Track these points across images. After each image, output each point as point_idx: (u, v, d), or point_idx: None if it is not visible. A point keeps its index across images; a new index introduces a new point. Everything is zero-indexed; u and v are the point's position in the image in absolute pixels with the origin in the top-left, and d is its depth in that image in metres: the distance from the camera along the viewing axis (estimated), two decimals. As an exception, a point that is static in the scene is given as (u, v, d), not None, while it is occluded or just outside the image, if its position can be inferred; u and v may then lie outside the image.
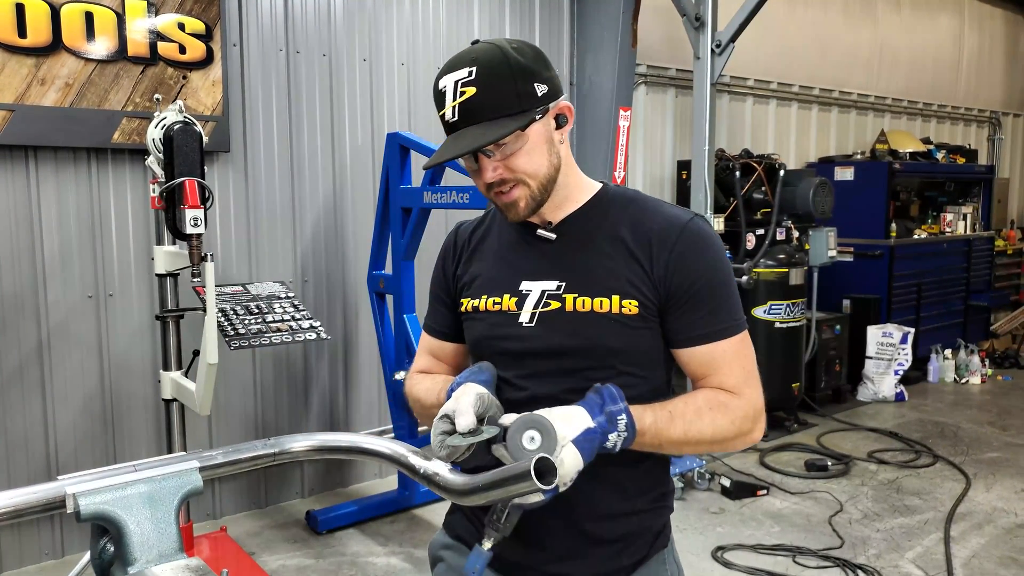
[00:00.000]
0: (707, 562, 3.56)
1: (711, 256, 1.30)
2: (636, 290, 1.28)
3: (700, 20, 4.91)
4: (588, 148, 5.18)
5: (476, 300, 1.37)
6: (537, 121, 1.25)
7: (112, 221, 3.67)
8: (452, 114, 1.23)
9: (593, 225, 1.34)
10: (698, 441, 1.25)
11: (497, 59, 1.23)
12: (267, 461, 1.22)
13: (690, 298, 1.28)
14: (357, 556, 3.64)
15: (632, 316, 1.27)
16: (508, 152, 1.25)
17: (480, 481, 1.12)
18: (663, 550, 1.40)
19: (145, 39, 3.57)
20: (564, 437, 1.12)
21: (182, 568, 0.98)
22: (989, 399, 6.33)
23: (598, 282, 1.29)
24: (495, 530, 1.17)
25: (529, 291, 1.33)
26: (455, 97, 1.22)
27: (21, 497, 1.00)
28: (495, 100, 1.22)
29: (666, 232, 1.29)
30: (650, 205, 1.35)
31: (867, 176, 6.55)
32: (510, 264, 1.37)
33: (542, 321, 1.30)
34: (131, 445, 3.76)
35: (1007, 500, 4.26)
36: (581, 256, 1.32)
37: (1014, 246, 8.45)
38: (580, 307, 1.28)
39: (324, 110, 4.23)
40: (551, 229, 1.35)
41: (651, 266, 1.28)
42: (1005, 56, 9.08)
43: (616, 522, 1.33)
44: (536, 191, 1.29)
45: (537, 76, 1.25)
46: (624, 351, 1.29)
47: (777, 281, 5.28)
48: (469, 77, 1.22)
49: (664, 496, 1.40)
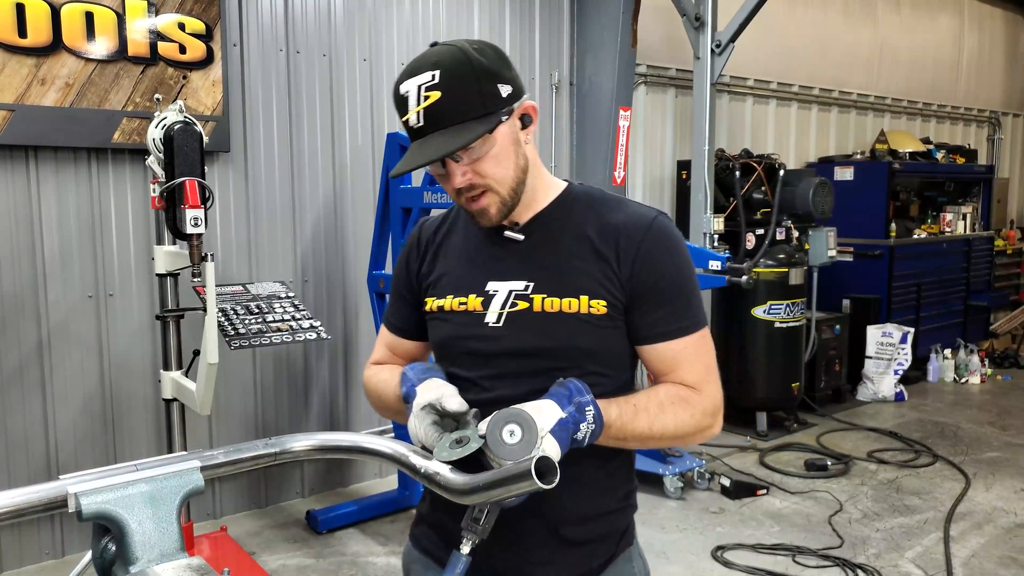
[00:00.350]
0: (707, 562, 3.57)
1: (676, 254, 1.31)
2: (604, 289, 1.28)
3: (700, 20, 4.91)
4: (588, 148, 5.18)
5: (441, 300, 1.36)
6: (503, 123, 1.24)
7: (112, 221, 3.67)
8: (417, 119, 1.21)
9: (560, 224, 1.33)
10: (661, 436, 1.26)
11: (460, 61, 1.20)
12: (268, 461, 1.22)
13: (655, 295, 1.29)
14: (357, 556, 3.64)
15: (600, 316, 1.28)
16: (476, 156, 1.23)
17: (481, 481, 1.12)
18: (628, 548, 1.41)
19: (145, 39, 3.57)
20: (543, 429, 1.12)
21: (184, 567, 0.98)
22: (989, 399, 6.34)
23: (567, 282, 1.29)
24: (473, 532, 1.16)
25: (496, 291, 1.31)
26: (419, 102, 1.20)
27: (22, 496, 1.00)
28: (460, 104, 1.20)
29: (632, 230, 1.29)
30: (614, 203, 1.36)
31: (867, 176, 6.55)
32: (476, 264, 1.35)
33: (510, 321, 1.29)
34: (131, 445, 3.76)
35: (1007, 500, 4.27)
36: (549, 256, 1.31)
37: (1014, 246, 8.46)
38: (549, 307, 1.28)
39: (324, 110, 4.23)
40: (518, 229, 1.34)
41: (618, 264, 1.28)
42: (1005, 56, 9.08)
43: (588, 524, 1.33)
44: (506, 196, 1.27)
45: (500, 77, 1.23)
46: (593, 351, 1.29)
47: (777, 281, 5.28)
48: (432, 81, 1.19)
49: (629, 495, 1.41)
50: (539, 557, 1.31)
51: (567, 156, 5.27)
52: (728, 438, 5.24)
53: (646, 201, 5.79)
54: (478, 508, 1.15)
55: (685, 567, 3.53)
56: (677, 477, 4.27)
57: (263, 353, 4.11)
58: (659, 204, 5.92)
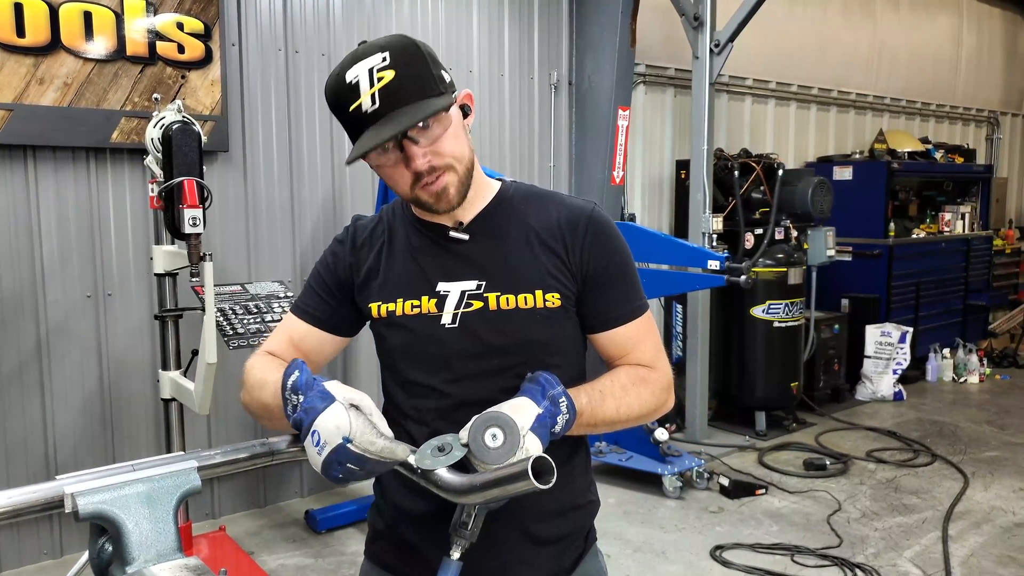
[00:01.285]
0: (706, 561, 3.57)
1: (617, 241, 1.35)
2: (557, 282, 1.29)
3: (699, 20, 4.91)
4: (587, 148, 5.18)
5: (390, 304, 1.31)
6: (454, 104, 1.23)
7: (111, 221, 3.67)
8: (371, 102, 1.15)
9: (503, 222, 1.33)
10: (627, 417, 1.29)
11: (406, 44, 1.19)
12: (265, 461, 1.22)
13: (605, 282, 1.32)
14: (356, 555, 3.64)
15: (555, 309, 1.29)
16: (435, 136, 1.20)
17: (478, 481, 1.12)
18: (595, 544, 1.44)
19: (144, 39, 3.57)
20: (523, 428, 1.12)
21: (180, 567, 0.97)
22: (987, 398, 6.34)
23: (519, 278, 1.29)
24: (462, 537, 1.15)
25: (447, 292, 1.29)
26: (372, 84, 1.15)
27: (20, 497, 1.00)
28: (417, 82, 1.17)
29: (575, 221, 1.32)
30: (550, 197, 1.37)
31: (866, 176, 6.56)
32: (423, 265, 1.32)
33: (465, 322, 1.28)
34: (130, 445, 3.76)
35: (1005, 499, 4.27)
36: (497, 254, 1.31)
37: (1012, 245, 8.46)
38: (504, 305, 1.28)
39: (323, 110, 4.23)
40: (462, 229, 1.32)
41: (567, 255, 1.30)
42: (1003, 56, 9.08)
43: (557, 521, 1.34)
44: (463, 176, 1.25)
45: (442, 65, 1.23)
46: (549, 344, 1.31)
47: (776, 280, 5.28)
48: (384, 62, 1.15)
49: (590, 488, 1.43)
50: (515, 558, 1.31)
51: (566, 156, 5.27)
52: (727, 438, 5.25)
53: (645, 201, 5.81)
54: (465, 512, 1.15)
55: (684, 566, 3.54)
56: (676, 477, 4.27)
57: (262, 353, 4.11)
58: (658, 204, 5.93)
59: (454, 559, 1.16)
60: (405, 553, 1.36)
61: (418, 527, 1.33)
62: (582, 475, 1.40)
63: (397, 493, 1.35)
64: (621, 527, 3.89)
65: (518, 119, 5.03)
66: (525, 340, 1.28)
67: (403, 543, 1.36)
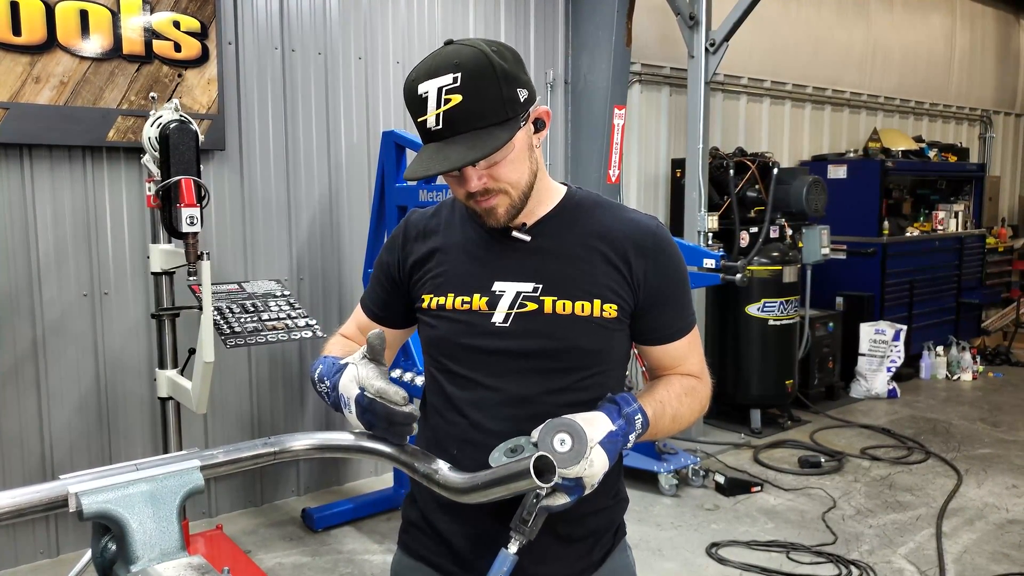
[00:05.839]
0: (702, 558, 3.59)
1: (678, 259, 1.39)
2: (615, 294, 1.31)
3: (694, 19, 4.92)
4: (583, 147, 5.19)
5: (441, 298, 1.34)
6: (520, 128, 1.23)
7: (107, 219, 3.66)
8: (436, 122, 1.18)
9: (565, 228, 1.35)
10: (679, 426, 1.36)
11: (481, 64, 1.17)
12: (267, 460, 1.22)
13: (665, 299, 1.36)
14: (353, 554, 3.65)
15: (611, 319, 1.31)
16: (493, 161, 1.22)
17: (480, 479, 1.13)
18: (623, 539, 1.47)
19: (140, 37, 3.56)
20: (592, 439, 1.15)
21: (184, 566, 0.98)
22: (980, 396, 6.38)
23: (578, 286, 1.30)
24: (521, 533, 1.18)
25: (503, 292, 1.31)
26: (439, 104, 1.17)
27: (23, 496, 1.00)
28: (482, 108, 1.17)
29: (640, 238, 1.34)
30: (615, 209, 1.40)
31: (860, 174, 6.58)
32: (480, 263, 1.34)
33: (517, 322, 1.30)
34: (127, 443, 3.76)
35: (998, 496, 4.30)
36: (556, 259, 1.32)
37: (1005, 244, 8.50)
38: (560, 310, 1.29)
39: (320, 108, 4.23)
40: (525, 231, 1.33)
41: (630, 272, 1.32)
42: (996, 55, 9.12)
43: (585, 521, 1.36)
44: (517, 199, 1.27)
45: (519, 81, 1.21)
46: (599, 352, 1.33)
47: (771, 279, 5.30)
48: (454, 84, 1.16)
49: (620, 489, 1.45)
50: (539, 555, 1.33)
51: (562, 155, 5.28)
52: (722, 435, 5.26)
53: (641, 199, 5.82)
54: (526, 509, 1.17)
55: (680, 564, 3.55)
56: (672, 474, 4.29)
57: (259, 351, 4.11)
58: (653, 202, 5.94)
59: (511, 552, 1.18)
60: (436, 544, 1.38)
61: (451, 519, 1.36)
62: (615, 479, 1.41)
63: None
64: (617, 525, 3.90)
65: (514, 118, 5.02)
66: (576, 347, 1.30)
67: (435, 534, 1.38)
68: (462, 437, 1.32)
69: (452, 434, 1.34)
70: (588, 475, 1.14)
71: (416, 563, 1.43)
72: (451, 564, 1.37)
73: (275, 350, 4.17)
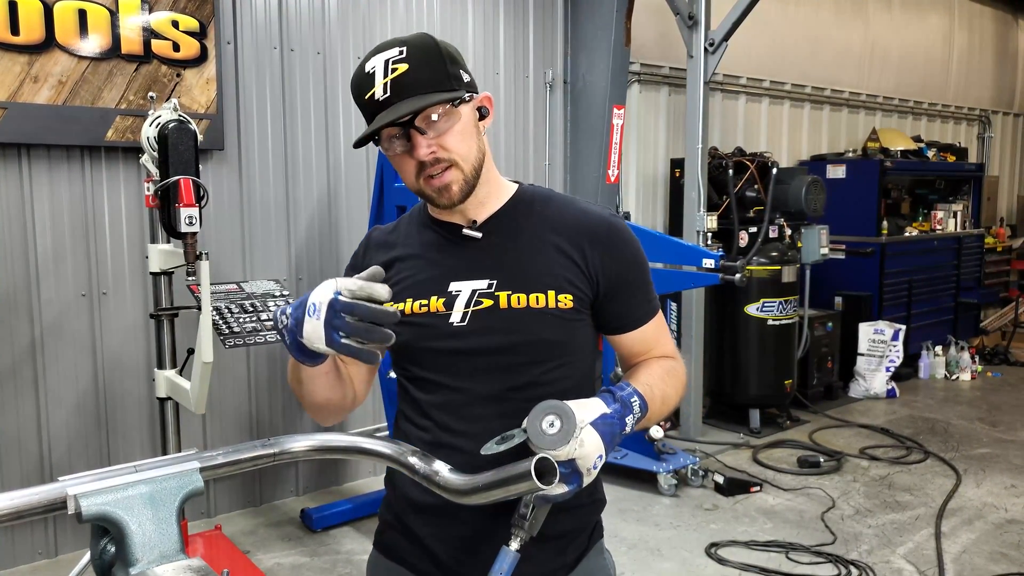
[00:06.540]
0: (701, 558, 3.59)
1: (634, 245, 1.39)
2: (571, 285, 1.31)
3: (693, 19, 4.92)
4: (582, 146, 5.19)
5: (400, 304, 1.33)
6: (466, 103, 1.26)
7: (106, 219, 3.66)
8: (383, 91, 1.21)
9: (518, 223, 1.35)
10: (668, 408, 1.36)
11: (427, 41, 1.25)
12: (267, 461, 1.21)
13: (628, 284, 1.36)
14: (352, 554, 3.64)
15: (567, 310, 1.31)
16: (442, 130, 1.24)
17: (480, 481, 1.13)
18: (599, 541, 1.45)
19: (139, 36, 3.56)
20: (583, 420, 1.14)
21: (184, 568, 0.97)
22: (979, 395, 6.38)
23: (531, 279, 1.31)
24: (522, 529, 1.17)
25: (459, 291, 1.31)
26: (386, 74, 1.21)
27: (22, 498, 1.00)
28: (428, 76, 1.22)
29: (594, 227, 1.35)
30: (570, 203, 1.40)
31: (859, 174, 6.58)
32: (436, 265, 1.35)
33: (475, 320, 1.30)
34: (125, 444, 3.75)
35: (997, 496, 4.30)
36: (510, 254, 1.33)
37: (1003, 243, 8.51)
38: (516, 304, 1.29)
39: (318, 108, 4.23)
40: (476, 228, 1.34)
41: (585, 262, 1.33)
42: (995, 54, 9.13)
43: (559, 519, 1.34)
44: (468, 174, 1.28)
45: (462, 65, 1.27)
46: (560, 343, 1.32)
47: (770, 278, 5.31)
48: (400, 55, 1.22)
49: (597, 489, 1.44)
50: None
51: (561, 155, 5.28)
52: (721, 435, 5.27)
53: (640, 199, 5.82)
54: (524, 505, 1.17)
55: (679, 564, 3.55)
56: (671, 474, 4.29)
57: (257, 351, 4.11)
58: (652, 202, 5.94)
59: (512, 549, 1.18)
60: (412, 545, 1.38)
61: (426, 520, 1.35)
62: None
63: (407, 486, 1.36)
64: (616, 525, 3.90)
65: (513, 118, 5.03)
66: (535, 339, 1.30)
67: (411, 535, 1.38)
68: (432, 441, 1.32)
69: (423, 439, 1.33)
70: (580, 456, 1.12)
71: (393, 564, 1.42)
72: (430, 566, 1.36)
73: (274, 350, 4.17)
